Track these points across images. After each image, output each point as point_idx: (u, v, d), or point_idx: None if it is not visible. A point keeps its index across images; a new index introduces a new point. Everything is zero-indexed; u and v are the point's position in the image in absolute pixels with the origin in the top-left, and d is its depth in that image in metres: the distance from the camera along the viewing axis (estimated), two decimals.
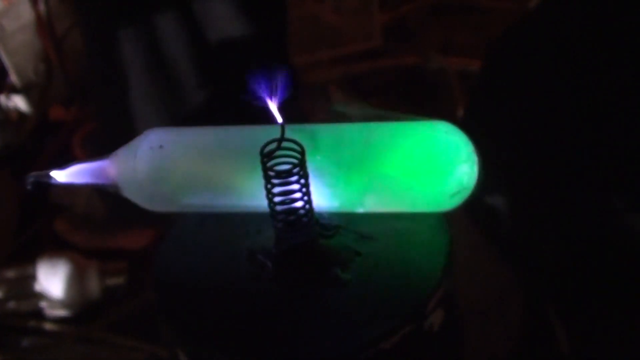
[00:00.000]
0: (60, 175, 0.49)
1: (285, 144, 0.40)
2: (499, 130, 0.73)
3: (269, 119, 0.45)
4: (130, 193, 0.47)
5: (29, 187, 0.49)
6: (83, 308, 0.89)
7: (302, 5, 1.09)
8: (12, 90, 1.04)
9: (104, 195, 0.93)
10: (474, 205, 0.45)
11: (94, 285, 0.89)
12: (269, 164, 0.41)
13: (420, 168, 0.43)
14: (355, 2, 1.10)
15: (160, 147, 0.45)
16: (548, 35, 0.72)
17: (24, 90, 1.04)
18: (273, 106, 0.40)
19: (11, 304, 0.89)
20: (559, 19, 0.71)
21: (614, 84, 0.63)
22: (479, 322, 0.71)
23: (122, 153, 0.47)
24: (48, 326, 0.88)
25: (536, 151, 0.69)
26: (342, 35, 1.11)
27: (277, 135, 0.40)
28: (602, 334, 0.66)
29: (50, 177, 0.49)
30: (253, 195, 0.44)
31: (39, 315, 0.89)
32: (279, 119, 0.40)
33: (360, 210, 0.45)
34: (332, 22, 1.10)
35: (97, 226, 0.96)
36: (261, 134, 0.43)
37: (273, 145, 0.40)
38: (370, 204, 0.44)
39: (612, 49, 0.64)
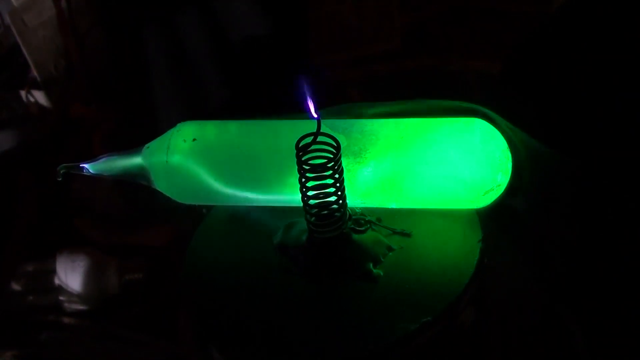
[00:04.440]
0: (90, 167, 0.49)
1: (321, 138, 0.40)
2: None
3: (291, 114, 0.45)
4: (162, 185, 0.47)
5: (59, 178, 0.49)
6: (101, 303, 0.89)
7: (322, 6, 1.09)
8: (33, 85, 1.04)
9: (124, 191, 0.94)
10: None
11: (112, 281, 0.89)
12: (304, 157, 0.41)
13: (453, 165, 0.43)
14: (375, 4, 1.09)
15: (194, 140, 0.46)
16: (570, 39, 0.72)
17: (45, 85, 1.04)
18: (311, 101, 0.40)
19: (30, 298, 0.89)
20: (580, 22, 0.71)
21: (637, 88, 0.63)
22: (496, 321, 0.70)
23: (155, 145, 0.47)
24: (66, 320, 0.88)
25: (559, 156, 0.69)
26: (361, 36, 1.10)
27: (312, 129, 0.40)
28: (620, 336, 0.65)
29: (80, 168, 0.49)
30: (286, 189, 0.44)
31: (57, 309, 0.89)
32: (315, 114, 0.40)
33: (393, 206, 0.45)
34: (352, 23, 1.10)
35: (116, 222, 0.96)
36: (295, 128, 0.43)
37: (309, 140, 0.40)
38: (403, 200, 0.44)
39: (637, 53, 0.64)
